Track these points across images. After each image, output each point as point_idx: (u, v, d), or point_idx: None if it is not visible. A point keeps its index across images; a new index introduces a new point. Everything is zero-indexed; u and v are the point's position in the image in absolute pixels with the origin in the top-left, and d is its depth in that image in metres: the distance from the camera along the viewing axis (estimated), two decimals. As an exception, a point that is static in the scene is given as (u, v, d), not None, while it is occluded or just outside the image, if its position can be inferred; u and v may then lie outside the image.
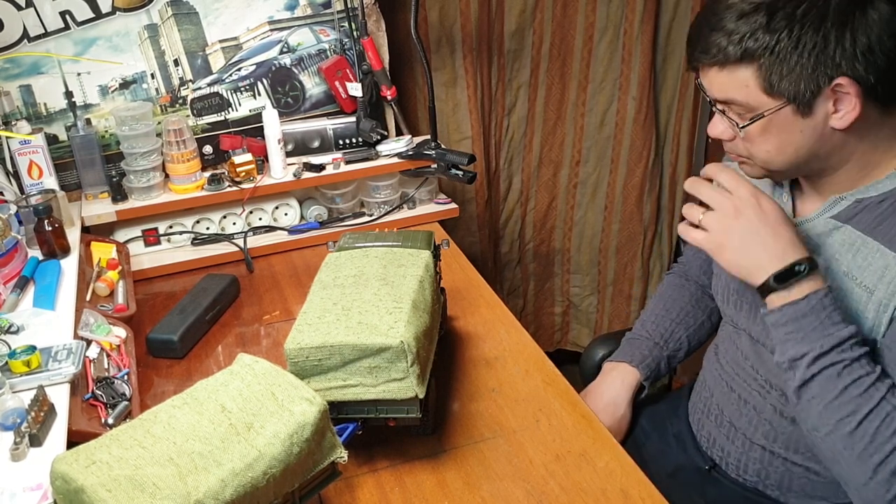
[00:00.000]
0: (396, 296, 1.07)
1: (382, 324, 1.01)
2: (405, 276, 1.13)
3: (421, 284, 1.12)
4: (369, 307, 1.05)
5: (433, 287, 1.17)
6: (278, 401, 0.87)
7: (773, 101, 0.98)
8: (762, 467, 1.21)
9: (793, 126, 0.99)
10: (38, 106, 1.62)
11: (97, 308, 1.30)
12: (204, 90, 1.72)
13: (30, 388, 1.02)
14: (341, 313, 1.04)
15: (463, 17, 1.94)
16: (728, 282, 1.23)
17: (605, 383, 1.40)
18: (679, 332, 1.44)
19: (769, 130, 1.00)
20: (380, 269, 1.15)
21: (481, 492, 1.02)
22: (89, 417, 1.06)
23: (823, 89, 0.95)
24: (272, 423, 0.84)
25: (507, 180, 2.21)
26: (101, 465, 0.77)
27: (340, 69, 1.77)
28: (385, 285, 1.10)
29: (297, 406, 0.87)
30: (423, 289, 1.12)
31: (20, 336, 1.16)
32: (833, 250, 1.05)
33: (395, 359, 0.99)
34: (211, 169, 1.74)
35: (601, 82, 2.13)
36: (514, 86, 2.09)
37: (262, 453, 0.81)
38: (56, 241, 1.38)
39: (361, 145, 1.78)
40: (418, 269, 1.15)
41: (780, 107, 0.98)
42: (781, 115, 0.98)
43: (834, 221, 1.06)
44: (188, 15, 1.66)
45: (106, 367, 1.18)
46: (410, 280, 1.12)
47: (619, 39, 2.08)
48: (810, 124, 0.99)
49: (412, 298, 1.07)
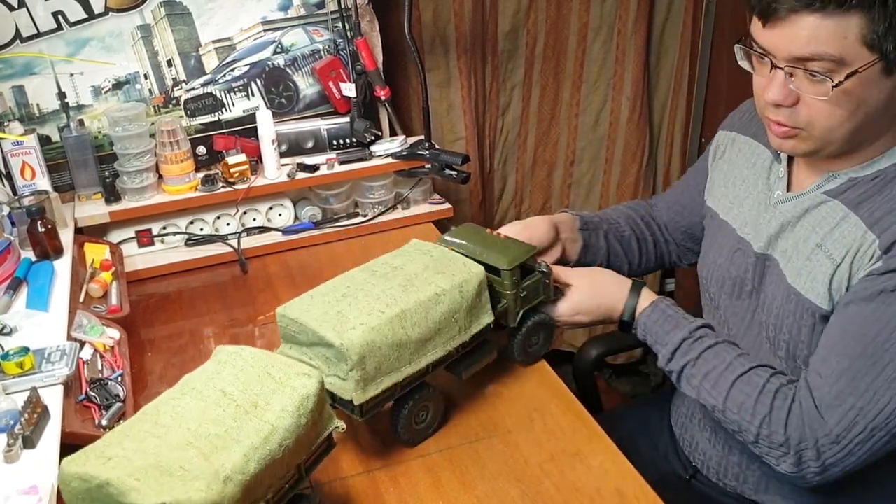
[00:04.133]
0: (396, 300, 1.06)
1: (352, 320, 1.01)
2: (428, 285, 1.08)
3: (436, 298, 1.07)
4: (363, 302, 1.05)
5: (460, 304, 1.09)
6: (276, 379, 0.90)
7: (869, 55, 0.91)
8: (741, 471, 1.21)
9: (875, 85, 0.94)
10: (30, 107, 1.62)
11: (90, 309, 1.30)
12: (197, 91, 1.72)
13: (23, 389, 1.01)
14: (339, 298, 1.06)
15: (457, 17, 1.94)
16: (715, 258, 1.23)
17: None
18: (624, 225, 1.44)
19: (852, 90, 0.94)
20: (419, 269, 1.12)
21: (476, 492, 1.02)
22: (83, 419, 1.05)
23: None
24: (277, 398, 0.88)
25: (501, 181, 2.21)
26: (120, 459, 0.78)
27: (334, 69, 1.76)
28: (401, 287, 1.08)
29: (296, 381, 0.90)
30: (434, 303, 1.07)
31: (13, 338, 1.15)
32: (813, 222, 1.05)
33: (340, 358, 0.99)
34: (204, 170, 1.73)
35: (595, 82, 2.13)
36: (508, 86, 2.09)
37: (275, 426, 0.85)
38: (49, 242, 1.37)
39: (355, 146, 1.78)
40: (449, 282, 1.09)
41: (874, 63, 0.92)
42: (870, 72, 0.93)
43: (824, 196, 1.06)
44: (181, 15, 1.66)
45: (99, 368, 1.17)
46: (428, 290, 1.07)
47: (612, 40, 2.08)
48: (889, 85, 0.95)
49: (404, 308, 1.04)
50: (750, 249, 1.15)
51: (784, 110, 1.00)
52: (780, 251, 1.10)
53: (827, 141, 1.00)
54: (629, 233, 1.43)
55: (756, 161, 1.20)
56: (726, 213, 1.23)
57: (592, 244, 1.39)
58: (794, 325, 1.06)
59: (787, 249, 1.09)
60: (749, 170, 1.21)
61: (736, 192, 1.22)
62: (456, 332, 1.10)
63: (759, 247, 1.14)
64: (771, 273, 1.12)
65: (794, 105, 0.99)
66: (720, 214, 1.25)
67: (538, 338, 1.25)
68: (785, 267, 1.08)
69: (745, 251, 1.16)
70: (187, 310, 1.51)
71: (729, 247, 1.20)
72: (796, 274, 1.06)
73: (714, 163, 1.31)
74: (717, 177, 1.29)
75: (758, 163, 1.20)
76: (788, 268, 1.08)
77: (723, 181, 1.26)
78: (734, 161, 1.25)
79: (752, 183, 1.19)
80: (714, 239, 1.26)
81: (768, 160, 1.18)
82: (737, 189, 1.22)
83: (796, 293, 1.05)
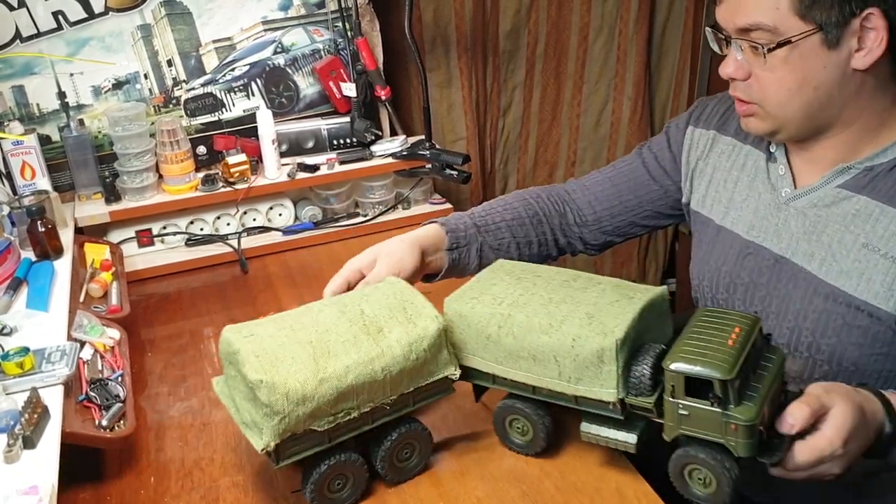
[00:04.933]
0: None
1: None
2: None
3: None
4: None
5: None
6: (407, 314, 1.00)
7: (803, 25, 0.95)
8: None
9: (817, 58, 0.97)
10: (30, 106, 1.62)
11: (91, 309, 1.29)
12: (197, 90, 1.72)
13: (23, 390, 1.01)
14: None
15: (457, 17, 1.94)
16: (719, 265, 1.20)
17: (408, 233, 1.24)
18: (504, 232, 1.30)
19: (793, 61, 0.97)
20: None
21: (477, 492, 1.02)
22: (83, 419, 1.05)
23: (853, 20, 0.94)
24: (397, 330, 0.97)
25: (502, 181, 2.21)
26: (257, 337, 0.95)
27: (334, 69, 1.76)
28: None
29: (421, 321, 0.99)
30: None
31: (13, 338, 1.15)
32: (846, 221, 1.03)
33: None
34: (205, 169, 1.73)
35: (596, 83, 2.13)
36: (510, 86, 2.09)
37: (383, 352, 0.95)
38: (49, 242, 1.37)
39: (356, 145, 1.77)
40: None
41: (809, 33, 0.95)
42: (808, 43, 0.96)
43: (843, 191, 1.04)
44: (181, 15, 1.66)
45: (100, 368, 1.17)
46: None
47: (613, 40, 2.08)
48: (834, 59, 0.96)
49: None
50: (765, 252, 1.12)
51: (740, 84, 1.04)
52: (805, 253, 1.07)
53: (783, 119, 1.03)
54: (509, 239, 1.31)
55: (746, 162, 1.18)
56: (724, 219, 1.20)
57: (460, 264, 1.26)
58: (843, 329, 1.03)
59: (815, 252, 1.06)
60: (739, 171, 1.18)
61: (731, 196, 1.19)
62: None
63: (778, 248, 1.11)
64: (791, 276, 1.09)
65: (747, 79, 1.03)
66: (716, 220, 1.21)
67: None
68: (819, 270, 1.05)
69: (759, 254, 1.13)
70: (187, 310, 1.51)
71: (736, 252, 1.17)
72: (845, 277, 1.02)
73: (693, 162, 1.26)
74: (700, 180, 1.25)
75: (748, 163, 1.18)
76: (827, 270, 1.04)
77: (709, 185, 1.23)
78: (719, 165, 1.22)
79: (747, 185, 1.17)
80: (713, 246, 1.22)
81: (761, 160, 1.16)
82: (730, 192, 1.19)
83: (846, 295, 1.02)
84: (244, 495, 1.04)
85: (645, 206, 1.32)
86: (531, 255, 1.35)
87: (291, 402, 0.89)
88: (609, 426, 0.98)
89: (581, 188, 1.37)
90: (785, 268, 1.10)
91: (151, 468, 1.10)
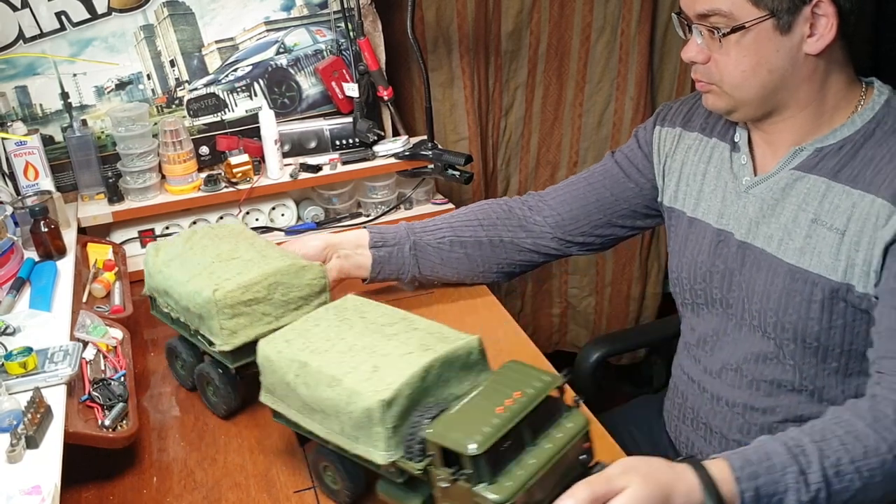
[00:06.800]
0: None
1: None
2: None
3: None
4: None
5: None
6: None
7: (756, 11, 1.01)
8: None
9: (770, 43, 1.02)
10: (34, 107, 1.62)
11: (93, 309, 1.30)
12: (200, 91, 1.72)
13: (26, 389, 1.01)
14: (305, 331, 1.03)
15: (459, 17, 1.94)
16: (695, 256, 1.22)
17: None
18: (446, 231, 1.38)
19: (747, 45, 1.03)
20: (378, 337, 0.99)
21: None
22: (86, 419, 1.05)
23: (804, 7, 0.99)
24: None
25: (504, 181, 2.21)
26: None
27: (337, 69, 1.76)
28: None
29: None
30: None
31: (16, 338, 1.15)
32: (799, 199, 1.08)
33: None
34: (207, 170, 1.73)
35: (598, 83, 2.13)
36: (512, 86, 2.09)
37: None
38: (52, 242, 1.37)
39: (358, 146, 1.78)
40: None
41: (762, 18, 1.01)
42: (762, 28, 1.01)
43: (797, 172, 1.09)
44: (184, 15, 1.66)
45: (102, 368, 1.17)
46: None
47: (615, 40, 2.08)
48: (786, 44, 1.02)
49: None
50: (732, 238, 1.16)
51: (700, 67, 1.09)
52: (765, 236, 1.11)
53: (739, 99, 1.08)
54: (451, 237, 1.37)
55: (712, 155, 1.22)
56: (695, 210, 1.23)
57: (391, 262, 1.35)
58: (804, 305, 1.06)
59: (774, 233, 1.10)
60: (706, 164, 1.22)
61: (700, 188, 1.22)
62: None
63: (740, 234, 1.15)
64: (754, 260, 1.13)
65: (707, 63, 1.08)
66: (688, 213, 1.24)
67: None
68: (777, 250, 1.09)
69: (728, 241, 1.17)
70: (190, 310, 1.51)
71: (709, 240, 1.20)
72: (799, 253, 1.07)
73: (662, 159, 1.29)
74: (670, 177, 1.28)
75: (714, 156, 1.21)
76: (784, 250, 1.09)
77: (679, 180, 1.26)
78: (687, 160, 1.25)
79: (714, 175, 1.21)
80: (686, 238, 1.25)
81: (726, 151, 1.19)
82: (699, 184, 1.23)
83: (803, 272, 1.06)
84: (246, 496, 1.04)
85: (621, 204, 1.34)
86: (489, 258, 1.39)
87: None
88: (395, 487, 0.92)
89: (554, 189, 1.41)
90: (748, 252, 1.14)
91: (154, 468, 1.10)
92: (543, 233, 1.38)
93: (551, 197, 1.40)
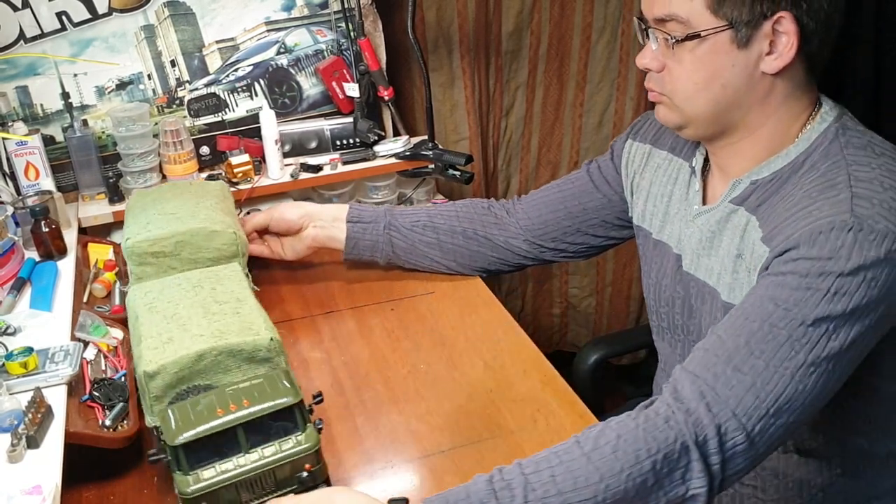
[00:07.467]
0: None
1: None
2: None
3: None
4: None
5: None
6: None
7: (714, 20, 0.95)
8: None
9: (726, 56, 0.97)
10: (34, 107, 1.62)
11: (94, 309, 1.30)
12: (201, 91, 1.72)
13: (27, 389, 1.01)
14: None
15: (460, 17, 1.94)
16: (659, 279, 1.19)
17: None
18: (421, 215, 1.43)
19: (701, 56, 0.98)
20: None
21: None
22: (87, 419, 1.05)
23: (764, 22, 0.94)
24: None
25: (504, 181, 2.21)
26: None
27: (337, 70, 1.76)
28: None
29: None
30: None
31: (17, 338, 1.16)
32: (730, 234, 1.04)
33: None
34: (208, 170, 1.73)
35: (599, 83, 2.13)
36: (512, 86, 2.09)
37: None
38: (53, 242, 1.37)
39: (359, 146, 1.78)
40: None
41: (720, 29, 0.95)
42: (718, 39, 0.96)
43: (731, 206, 1.05)
44: (185, 16, 1.66)
45: (103, 368, 1.17)
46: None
47: (616, 40, 2.08)
48: (743, 60, 0.97)
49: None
50: (683, 266, 1.13)
51: (654, 76, 1.04)
52: (706, 268, 1.08)
53: (689, 114, 1.03)
54: (425, 220, 1.41)
55: (678, 176, 1.18)
56: (660, 232, 1.20)
57: (365, 238, 1.41)
58: None
59: (713, 266, 1.07)
60: (672, 185, 1.18)
61: (665, 210, 1.19)
62: None
63: (686, 264, 1.12)
64: (698, 291, 1.10)
65: (661, 71, 1.03)
66: (653, 234, 1.21)
67: None
68: (717, 283, 1.06)
69: (683, 267, 1.14)
70: (191, 310, 1.51)
71: (671, 265, 1.17)
72: (729, 289, 1.04)
73: (631, 176, 1.27)
74: (639, 195, 1.25)
75: (679, 177, 1.18)
76: (721, 284, 1.05)
77: (646, 199, 1.23)
78: (656, 179, 1.22)
79: (678, 198, 1.17)
80: (652, 260, 1.22)
81: (687, 174, 1.16)
82: (665, 206, 1.19)
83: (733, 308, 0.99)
84: (247, 495, 1.04)
85: (590, 214, 1.34)
86: (461, 248, 1.42)
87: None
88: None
89: (533, 194, 1.43)
90: (691, 283, 1.11)
91: (154, 468, 1.10)
92: (516, 234, 1.40)
93: (527, 201, 1.41)
